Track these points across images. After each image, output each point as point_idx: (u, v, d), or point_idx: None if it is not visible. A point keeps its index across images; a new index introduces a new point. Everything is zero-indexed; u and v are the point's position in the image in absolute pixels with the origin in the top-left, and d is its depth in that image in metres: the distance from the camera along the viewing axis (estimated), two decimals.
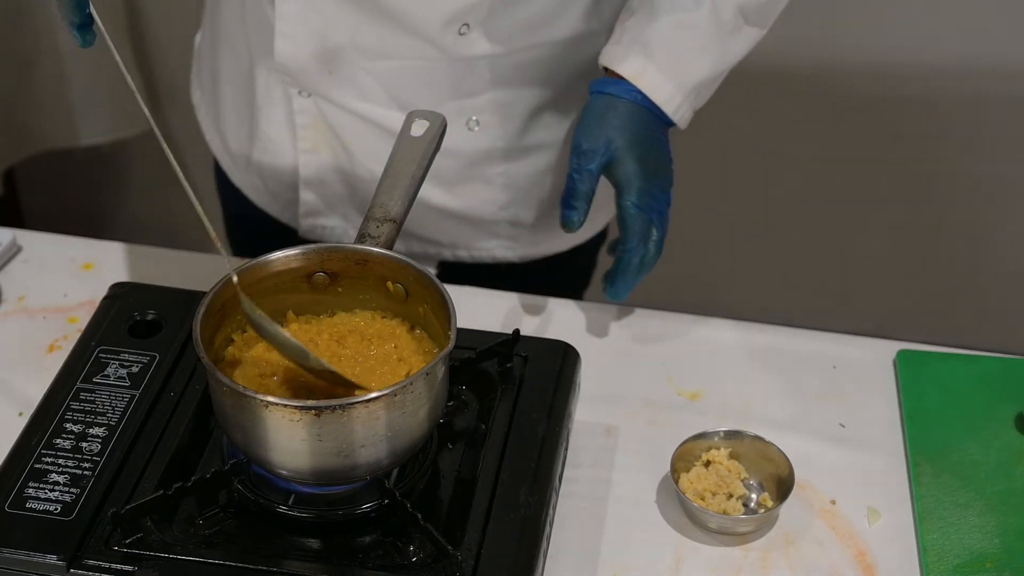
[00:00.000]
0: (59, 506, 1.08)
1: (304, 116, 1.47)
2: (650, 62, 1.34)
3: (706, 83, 1.37)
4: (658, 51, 1.34)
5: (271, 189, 1.57)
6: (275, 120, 1.50)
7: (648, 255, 1.33)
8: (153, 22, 2.48)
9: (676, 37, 1.34)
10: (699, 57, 1.35)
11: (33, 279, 1.44)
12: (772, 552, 1.17)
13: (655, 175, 1.33)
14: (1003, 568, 1.15)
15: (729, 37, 1.36)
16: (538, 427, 1.17)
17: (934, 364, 1.35)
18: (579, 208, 1.32)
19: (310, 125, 1.48)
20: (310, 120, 1.47)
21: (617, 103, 1.34)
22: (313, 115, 1.47)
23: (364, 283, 1.15)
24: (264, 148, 1.53)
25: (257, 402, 1.01)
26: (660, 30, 1.34)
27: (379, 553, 1.07)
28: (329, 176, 1.51)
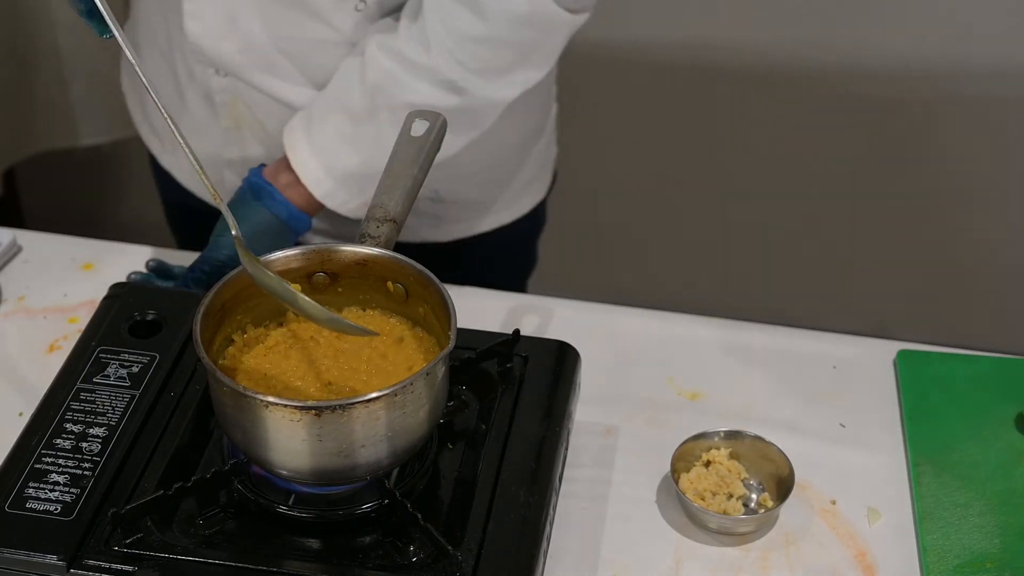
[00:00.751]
0: (59, 506, 1.08)
1: (223, 95, 1.48)
2: (305, 137, 1.36)
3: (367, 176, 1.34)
4: (316, 128, 1.35)
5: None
6: (197, 100, 1.51)
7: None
8: None
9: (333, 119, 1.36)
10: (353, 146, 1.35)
11: (33, 279, 1.44)
12: (772, 552, 1.17)
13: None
14: (1003, 568, 1.15)
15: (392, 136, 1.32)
16: (538, 427, 1.17)
17: (934, 364, 1.35)
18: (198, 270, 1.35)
19: (229, 103, 1.49)
20: (228, 99, 1.48)
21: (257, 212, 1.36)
22: (231, 94, 1.48)
23: (364, 283, 1.15)
24: (189, 128, 1.53)
25: (257, 402, 1.01)
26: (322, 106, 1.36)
27: (379, 553, 1.07)
28: (251, 156, 1.52)
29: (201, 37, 1.43)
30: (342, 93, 1.36)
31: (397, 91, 1.33)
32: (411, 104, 1.31)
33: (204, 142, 1.53)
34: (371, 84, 1.34)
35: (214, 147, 1.53)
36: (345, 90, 1.36)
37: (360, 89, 1.34)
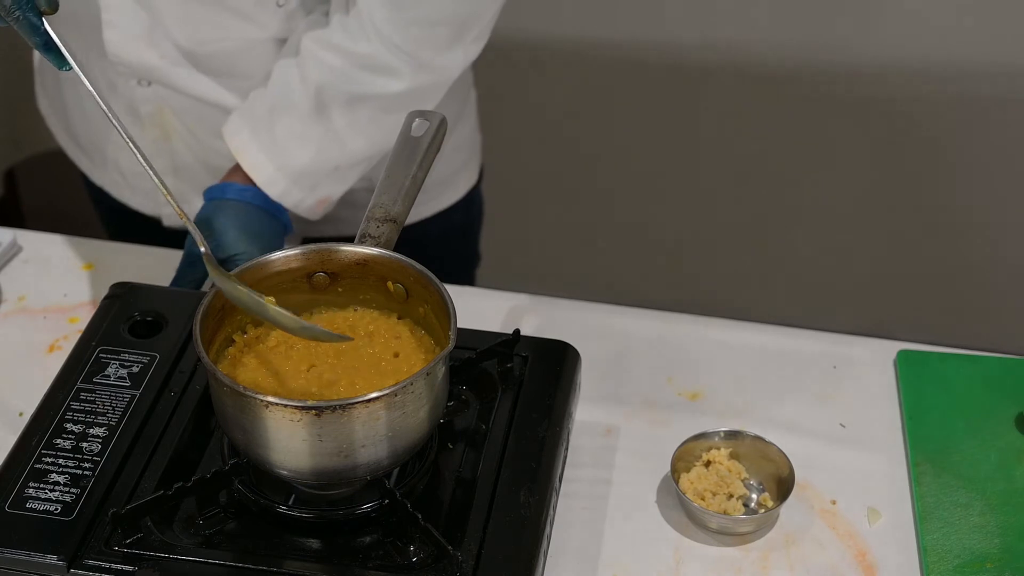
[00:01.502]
0: (59, 506, 1.07)
1: (147, 105, 1.47)
2: (253, 140, 1.36)
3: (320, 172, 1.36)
4: (260, 129, 1.35)
5: (129, 181, 1.57)
6: (121, 112, 1.48)
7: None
8: None
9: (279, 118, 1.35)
10: (302, 143, 1.35)
11: (34, 279, 1.44)
12: (772, 552, 1.17)
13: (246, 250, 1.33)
14: (1003, 568, 1.15)
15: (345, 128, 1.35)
16: (538, 427, 1.17)
17: (934, 364, 1.35)
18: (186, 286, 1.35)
19: (154, 113, 1.48)
20: (153, 108, 1.48)
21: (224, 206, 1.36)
22: (155, 103, 1.47)
23: (364, 283, 1.15)
24: (118, 142, 1.52)
25: (257, 402, 1.01)
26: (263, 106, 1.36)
27: (379, 553, 1.07)
28: (183, 164, 1.52)
29: (121, 47, 1.41)
30: (285, 92, 1.36)
31: (341, 84, 1.33)
32: (357, 95, 1.32)
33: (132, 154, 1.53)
34: (314, 81, 1.34)
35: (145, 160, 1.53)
36: (287, 89, 1.35)
37: (303, 88, 1.34)
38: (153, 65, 1.43)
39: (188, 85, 1.44)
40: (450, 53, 1.35)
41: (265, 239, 1.35)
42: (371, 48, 1.32)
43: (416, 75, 1.34)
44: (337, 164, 1.38)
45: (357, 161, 1.40)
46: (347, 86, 1.34)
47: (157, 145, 1.50)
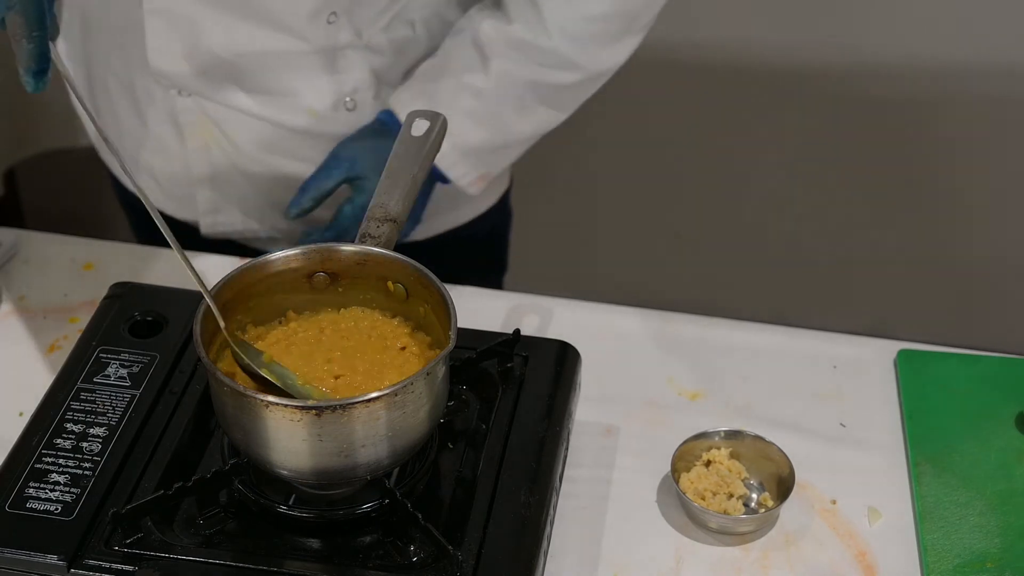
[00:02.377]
0: (59, 506, 1.08)
1: (188, 115, 1.48)
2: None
3: (487, 150, 1.43)
4: (440, 107, 1.37)
5: (164, 189, 1.58)
6: (160, 121, 1.50)
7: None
8: None
9: (459, 98, 1.40)
10: (480, 124, 1.41)
11: (33, 279, 1.44)
12: (773, 552, 1.17)
13: None
14: (1004, 568, 1.15)
15: (516, 112, 1.41)
16: (538, 427, 1.17)
17: (934, 364, 1.35)
18: (306, 199, 1.41)
19: (195, 123, 1.49)
20: (194, 118, 1.48)
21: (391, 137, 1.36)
22: (196, 113, 1.48)
23: (364, 283, 1.15)
24: (153, 149, 1.53)
25: (258, 402, 1.01)
26: (446, 87, 1.40)
27: (380, 553, 1.07)
28: (222, 172, 1.53)
29: (162, 58, 1.43)
30: (463, 74, 1.40)
31: (520, 73, 1.39)
32: (533, 84, 1.39)
33: (170, 162, 1.54)
34: (495, 70, 1.39)
35: (181, 167, 1.53)
36: (467, 72, 1.40)
37: (484, 74, 1.40)
38: (194, 76, 1.44)
39: (228, 96, 1.46)
40: (619, 45, 1.41)
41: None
42: (552, 44, 1.38)
43: (589, 67, 1.40)
44: (504, 144, 1.45)
45: (521, 142, 1.46)
46: (526, 76, 1.39)
47: (197, 155, 1.51)
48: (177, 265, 1.42)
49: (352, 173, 1.41)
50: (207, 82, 1.44)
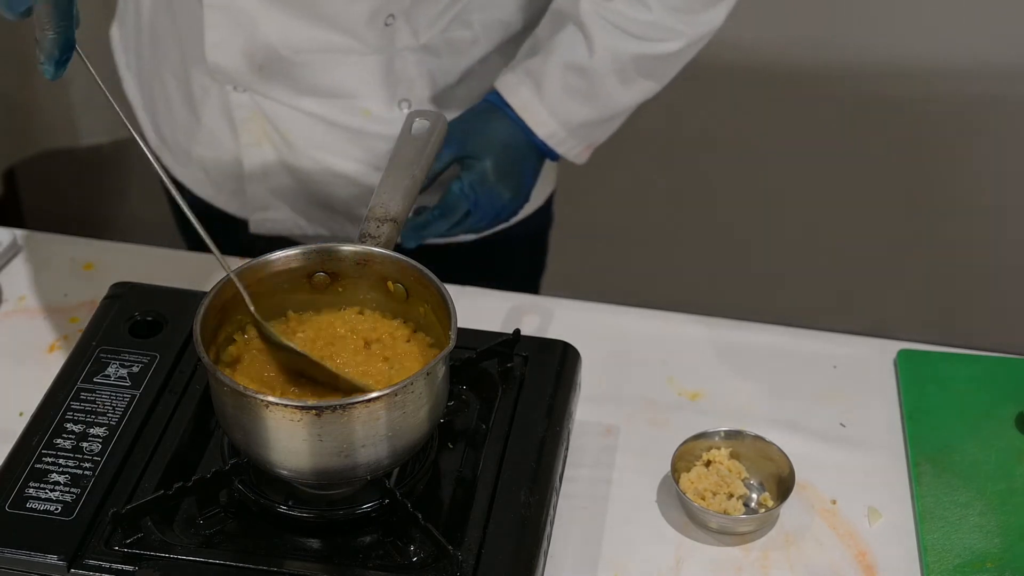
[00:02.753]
0: (60, 506, 1.07)
1: (242, 111, 1.49)
2: (537, 97, 1.41)
3: (592, 124, 1.45)
4: (547, 88, 1.41)
5: (215, 181, 1.59)
6: (214, 115, 1.51)
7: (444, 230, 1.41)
8: None
9: (566, 79, 1.41)
10: (586, 100, 1.42)
11: (34, 279, 1.44)
12: (773, 552, 1.17)
13: (500, 182, 1.41)
14: (1004, 568, 1.15)
15: (620, 85, 1.42)
16: (538, 427, 1.17)
17: (935, 364, 1.35)
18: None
19: (249, 119, 1.49)
20: (249, 114, 1.49)
21: (500, 115, 1.43)
22: (251, 109, 1.48)
23: (364, 283, 1.15)
24: (205, 143, 1.54)
25: (258, 402, 1.01)
26: (551, 67, 1.41)
27: (379, 553, 1.07)
28: (273, 169, 1.53)
29: (219, 53, 1.44)
30: (567, 54, 1.41)
31: (624, 48, 1.40)
32: (638, 55, 1.40)
33: (222, 157, 1.54)
34: (599, 46, 1.39)
35: (233, 162, 1.54)
36: (570, 52, 1.41)
37: (587, 53, 1.40)
38: (250, 72, 1.44)
39: (283, 94, 1.46)
40: (719, 6, 1.41)
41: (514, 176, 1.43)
42: (653, 16, 1.38)
43: (691, 33, 1.41)
44: (611, 116, 1.46)
45: (627, 111, 1.47)
46: (630, 50, 1.40)
47: (249, 151, 1.52)
48: (178, 265, 1.44)
49: (462, 152, 1.41)
50: (263, 79, 1.45)
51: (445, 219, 1.40)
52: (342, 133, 1.48)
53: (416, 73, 1.46)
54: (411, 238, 1.40)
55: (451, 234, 1.42)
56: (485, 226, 1.44)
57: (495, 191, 1.41)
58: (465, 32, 1.46)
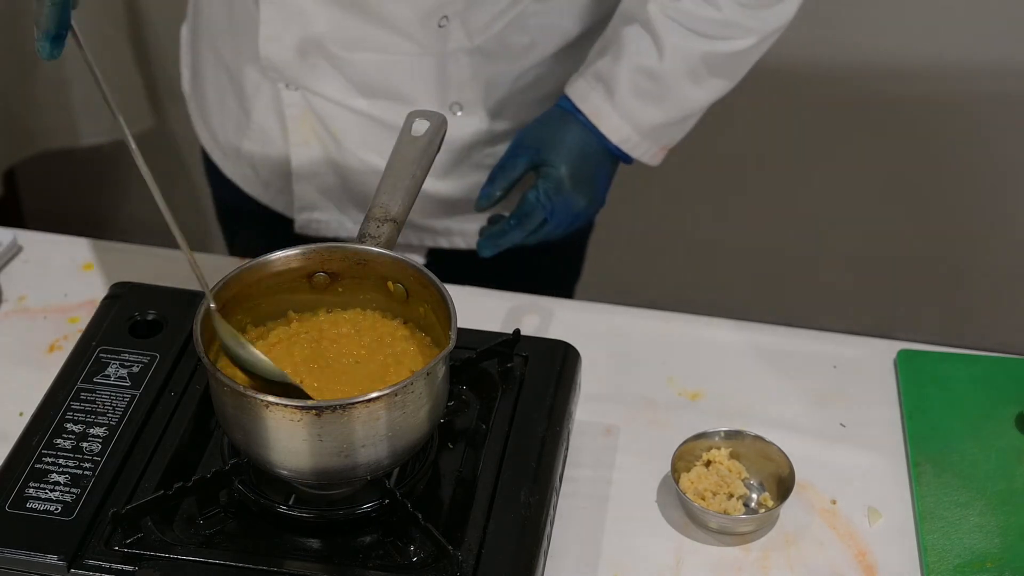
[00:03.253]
0: (60, 506, 1.07)
1: (293, 109, 1.49)
2: (609, 103, 1.40)
3: (666, 125, 1.44)
4: (618, 94, 1.40)
5: (262, 178, 1.59)
6: (265, 112, 1.51)
7: (519, 240, 1.41)
8: (152, 18, 2.48)
9: (637, 82, 1.40)
10: (658, 103, 1.41)
11: (34, 279, 1.44)
12: (773, 552, 1.17)
13: (575, 190, 1.41)
14: (1004, 568, 1.15)
15: (692, 85, 1.41)
16: (538, 427, 1.17)
17: (935, 364, 1.35)
18: (495, 188, 1.42)
19: (300, 117, 1.49)
20: (299, 112, 1.49)
21: (572, 121, 1.42)
22: (302, 108, 1.49)
23: (365, 283, 1.15)
24: (255, 139, 1.54)
25: (258, 402, 1.01)
26: (621, 71, 1.39)
27: (380, 553, 1.07)
28: (321, 168, 1.53)
29: (273, 49, 1.44)
30: (636, 57, 1.39)
31: (694, 48, 1.38)
32: (709, 54, 1.39)
33: (271, 154, 1.54)
34: (669, 47, 1.38)
35: (281, 160, 1.54)
36: (640, 55, 1.39)
37: (657, 56, 1.39)
38: (302, 69, 1.45)
39: (334, 91, 1.46)
40: (785, 3, 1.40)
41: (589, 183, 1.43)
42: (723, 15, 1.37)
43: (762, 29, 1.40)
44: (684, 117, 1.45)
45: (700, 110, 1.46)
46: (700, 49, 1.39)
47: (298, 149, 1.52)
48: (178, 265, 1.43)
49: (538, 159, 1.41)
50: (315, 76, 1.45)
51: (521, 228, 1.40)
52: (391, 134, 1.48)
53: (469, 76, 1.45)
54: (488, 247, 1.40)
55: (527, 242, 1.42)
56: (561, 233, 1.44)
57: (571, 199, 1.41)
58: (521, 37, 1.45)
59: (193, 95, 1.65)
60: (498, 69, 1.47)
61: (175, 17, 2.44)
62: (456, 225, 1.57)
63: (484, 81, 1.47)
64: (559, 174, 1.40)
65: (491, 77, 1.47)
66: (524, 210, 1.40)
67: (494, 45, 1.44)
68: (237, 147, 1.57)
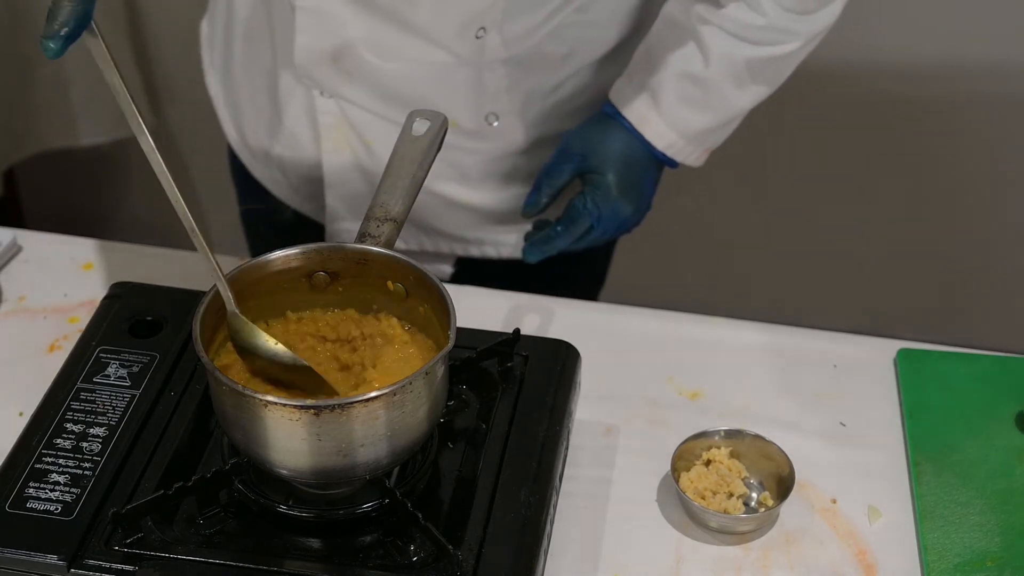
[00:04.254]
0: (60, 506, 1.08)
1: (327, 116, 1.48)
2: (654, 110, 1.41)
3: (710, 130, 1.44)
4: (664, 100, 1.40)
5: (292, 183, 1.59)
6: (297, 117, 1.51)
7: (566, 245, 1.42)
8: (151, 18, 2.48)
9: (682, 89, 1.40)
10: (703, 109, 1.41)
11: (34, 279, 1.44)
12: (773, 551, 1.17)
13: (623, 198, 1.42)
14: (1004, 566, 1.15)
15: (737, 90, 1.41)
16: (539, 426, 1.17)
17: (934, 363, 1.35)
18: (543, 195, 1.43)
19: (333, 125, 1.49)
20: (333, 120, 1.48)
21: (617, 128, 1.42)
22: (336, 116, 1.48)
23: (364, 282, 1.15)
24: (286, 143, 1.54)
25: (257, 401, 1.01)
26: (666, 78, 1.40)
27: (380, 553, 1.07)
28: (352, 175, 1.52)
29: (308, 58, 1.43)
30: (681, 64, 1.40)
31: (739, 54, 1.38)
32: (754, 59, 1.39)
33: (302, 160, 1.54)
34: (714, 56, 1.38)
35: (312, 166, 1.54)
36: (684, 61, 1.40)
37: (703, 62, 1.39)
38: (337, 77, 1.44)
39: (368, 100, 1.45)
40: (830, 7, 1.40)
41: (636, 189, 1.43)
42: (768, 20, 1.37)
43: (807, 32, 1.40)
44: (728, 120, 1.45)
45: (743, 113, 1.46)
46: (745, 55, 1.39)
47: (330, 157, 1.51)
48: (178, 265, 1.43)
49: (584, 166, 1.42)
50: (350, 83, 1.44)
51: (568, 234, 1.40)
52: None
53: (505, 86, 1.44)
54: (534, 253, 1.41)
55: (574, 248, 1.42)
56: (607, 239, 1.45)
57: (618, 205, 1.41)
58: (559, 46, 1.44)
59: (223, 96, 1.64)
60: (535, 79, 1.46)
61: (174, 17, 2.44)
62: (489, 235, 1.57)
63: (520, 91, 1.46)
64: (606, 181, 1.40)
65: (528, 87, 1.46)
66: (571, 216, 1.40)
67: (531, 55, 1.43)
68: (267, 150, 1.57)
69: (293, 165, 1.55)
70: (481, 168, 1.50)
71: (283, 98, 1.51)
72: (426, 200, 1.50)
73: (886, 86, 2.38)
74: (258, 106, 1.55)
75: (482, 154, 1.48)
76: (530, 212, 1.43)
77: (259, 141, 1.58)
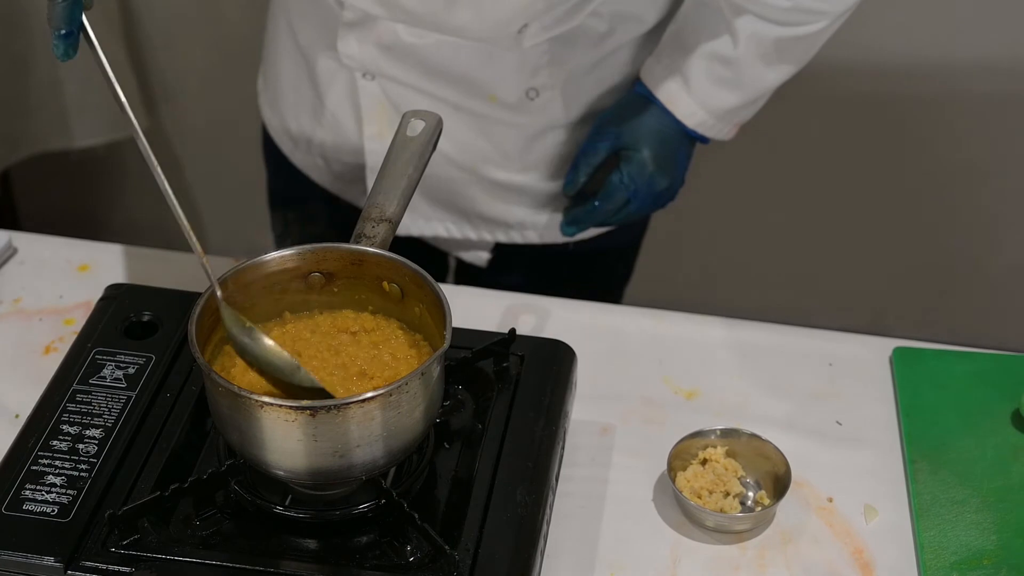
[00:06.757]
0: (56, 508, 1.07)
1: (369, 99, 1.49)
2: (684, 90, 1.44)
3: (740, 107, 1.47)
4: (693, 80, 1.43)
5: (334, 170, 1.60)
6: (340, 101, 1.52)
7: (605, 220, 1.48)
8: (145, 18, 2.48)
9: (712, 69, 1.43)
10: (732, 88, 1.44)
11: (29, 281, 1.44)
12: (769, 550, 1.17)
13: (658, 172, 1.45)
14: (1000, 564, 1.15)
15: (765, 68, 1.43)
16: (535, 426, 1.17)
17: (930, 361, 1.35)
18: (579, 174, 1.47)
19: (375, 107, 1.50)
20: (375, 103, 1.49)
21: (651, 106, 1.46)
22: (378, 98, 1.49)
23: (360, 283, 1.15)
24: (328, 127, 1.55)
25: (253, 402, 1.01)
26: (696, 59, 1.43)
27: (376, 553, 1.07)
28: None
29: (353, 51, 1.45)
30: (711, 44, 1.42)
31: (768, 34, 1.40)
32: (783, 38, 1.40)
33: (344, 144, 1.55)
34: (743, 37, 1.40)
35: (354, 151, 1.55)
36: (714, 42, 1.42)
37: (732, 43, 1.41)
38: (379, 60, 1.45)
39: (409, 75, 1.47)
40: None
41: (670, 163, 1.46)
42: (794, 2, 1.38)
43: (833, 10, 1.41)
44: (757, 97, 1.48)
45: (772, 90, 1.48)
46: (774, 35, 1.41)
47: (372, 144, 1.52)
48: (173, 266, 1.43)
49: (619, 143, 1.45)
50: (391, 64, 1.45)
51: (605, 208, 1.45)
52: (468, 120, 1.49)
53: (547, 62, 1.46)
54: (572, 227, 1.46)
55: (610, 222, 1.48)
56: (644, 213, 1.49)
57: (654, 180, 1.45)
58: (599, 24, 1.46)
59: (263, 81, 1.65)
60: (576, 56, 1.48)
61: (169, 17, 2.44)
62: (529, 217, 1.58)
63: (561, 68, 1.47)
64: (642, 156, 1.44)
65: (569, 64, 1.48)
66: (608, 192, 1.45)
67: (572, 32, 1.45)
68: (309, 136, 1.58)
69: (334, 150, 1.57)
70: (521, 145, 1.51)
71: (324, 81, 1.52)
72: (471, 184, 1.53)
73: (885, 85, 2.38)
74: (299, 91, 1.57)
75: (522, 128, 1.50)
76: (570, 191, 1.48)
77: (301, 127, 1.59)
